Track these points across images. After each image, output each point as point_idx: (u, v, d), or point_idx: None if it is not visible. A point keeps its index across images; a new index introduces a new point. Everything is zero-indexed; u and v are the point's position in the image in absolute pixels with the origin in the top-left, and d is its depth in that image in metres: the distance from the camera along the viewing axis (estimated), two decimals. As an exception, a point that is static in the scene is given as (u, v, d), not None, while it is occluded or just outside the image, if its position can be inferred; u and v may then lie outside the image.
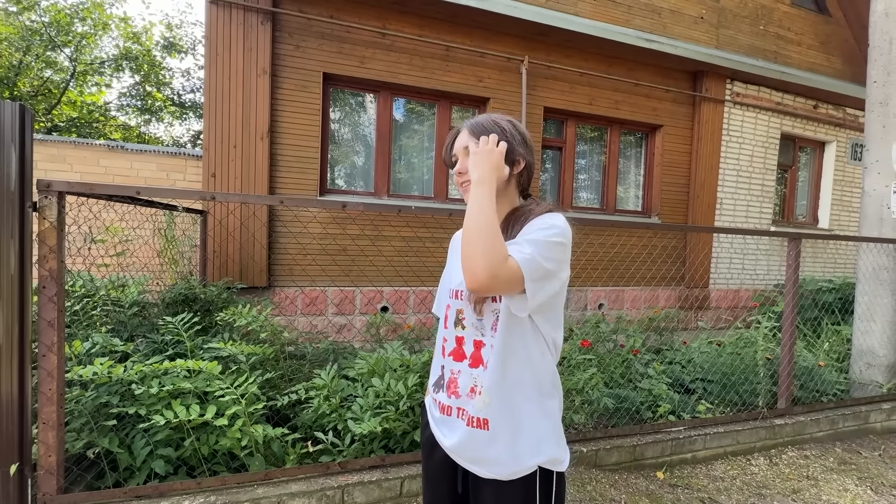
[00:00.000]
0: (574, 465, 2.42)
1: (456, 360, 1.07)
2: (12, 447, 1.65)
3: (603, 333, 3.57)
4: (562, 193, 5.44)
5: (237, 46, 4.10)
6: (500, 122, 1.08)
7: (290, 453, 2.20)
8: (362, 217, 4.34)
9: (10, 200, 1.61)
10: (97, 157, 4.11)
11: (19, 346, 1.65)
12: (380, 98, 4.74)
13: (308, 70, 4.35)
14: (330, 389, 2.40)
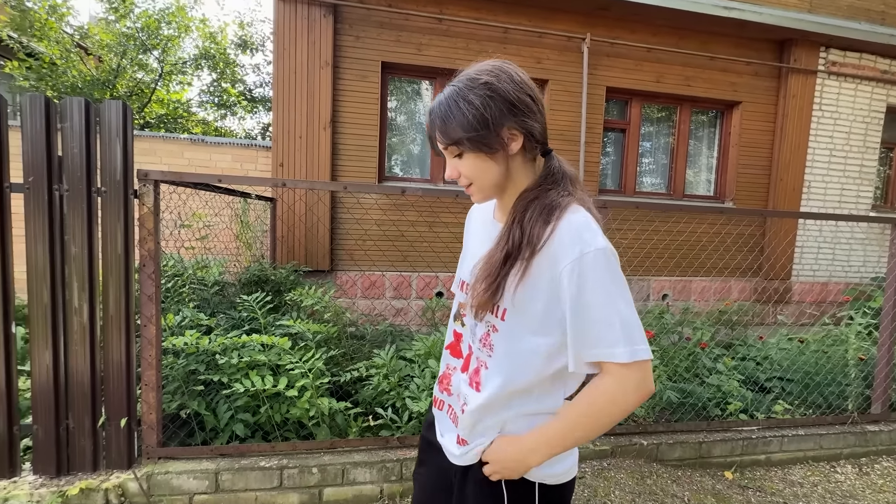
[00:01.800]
0: (633, 457, 2.35)
1: (453, 355, 0.98)
2: (122, 404, 1.90)
3: (667, 325, 3.39)
4: (624, 178, 5.19)
5: (302, 40, 4.29)
6: (467, 97, 0.79)
7: (352, 426, 2.34)
8: (420, 203, 4.42)
9: (116, 188, 1.83)
10: (182, 150, 4.51)
11: (125, 318, 1.88)
12: (436, 85, 4.75)
13: (367, 60, 4.46)
14: (388, 369, 2.51)
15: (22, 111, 1.73)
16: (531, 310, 0.81)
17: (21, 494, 1.78)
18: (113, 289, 1.86)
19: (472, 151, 0.82)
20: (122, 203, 1.83)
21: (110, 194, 1.83)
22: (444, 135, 0.82)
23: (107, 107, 1.80)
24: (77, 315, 1.83)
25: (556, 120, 4.75)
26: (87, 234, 1.81)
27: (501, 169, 0.84)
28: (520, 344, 0.83)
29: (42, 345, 1.80)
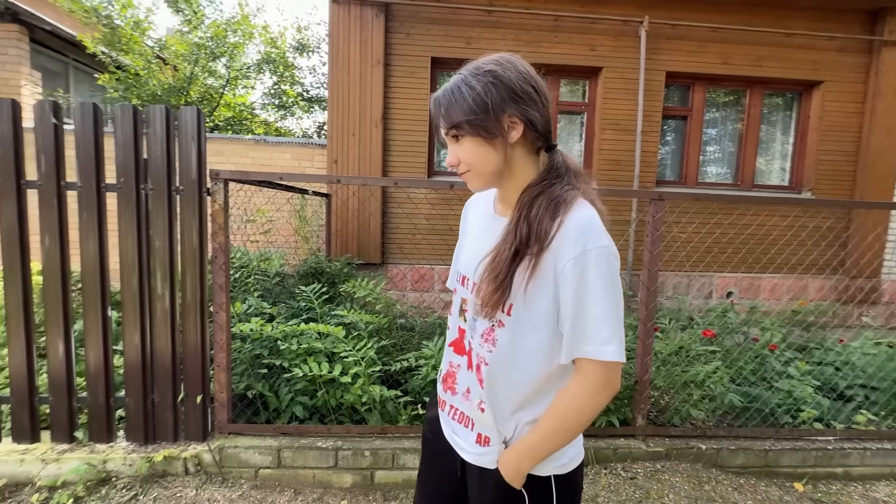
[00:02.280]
0: (690, 461, 2.24)
1: (457, 352, 0.95)
2: (197, 383, 2.10)
3: (731, 324, 3.18)
4: (685, 168, 4.89)
5: (355, 40, 4.42)
6: (469, 82, 0.80)
7: (401, 413, 2.42)
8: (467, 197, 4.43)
9: (191, 187, 2.01)
10: (246, 150, 4.83)
11: (200, 304, 2.07)
12: (485, 78, 4.73)
13: (417, 56, 4.52)
14: (437, 360, 2.56)
15: (114, 119, 1.94)
16: (539, 306, 0.81)
17: (117, 458, 2.03)
18: (190, 278, 2.05)
19: (471, 135, 0.82)
20: (197, 200, 2.01)
21: (187, 192, 2.01)
22: (446, 119, 0.82)
23: (183, 112, 1.98)
24: (160, 301, 2.04)
25: (610, 109, 4.57)
26: (167, 228, 2.01)
27: (500, 156, 0.83)
28: (525, 338, 0.84)
29: (132, 327, 2.03)
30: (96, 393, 2.05)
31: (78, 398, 2.08)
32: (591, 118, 4.75)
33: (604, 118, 4.58)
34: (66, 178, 1.97)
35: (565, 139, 4.93)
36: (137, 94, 5.00)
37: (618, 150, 4.60)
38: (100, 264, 2.01)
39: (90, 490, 1.94)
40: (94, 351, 2.03)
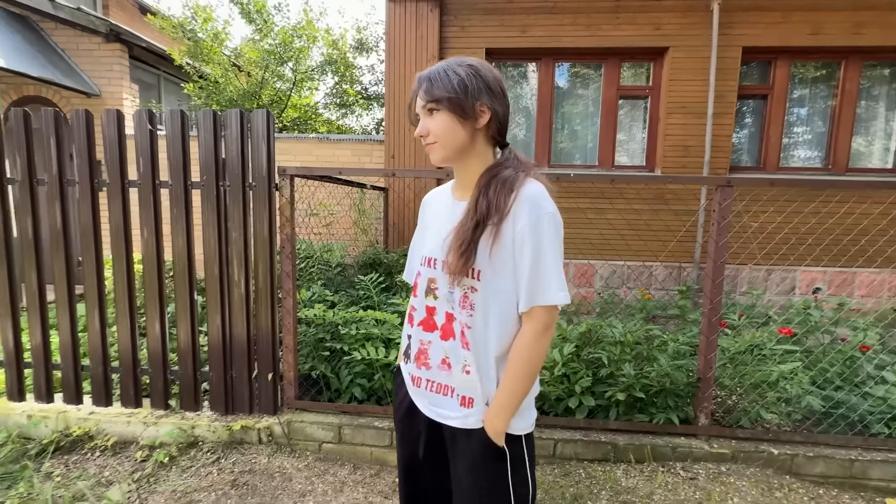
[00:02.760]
0: (759, 465, 2.10)
1: (426, 330, 1.03)
2: (269, 362, 2.31)
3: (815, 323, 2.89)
4: (764, 152, 4.48)
5: (410, 36, 4.52)
6: (454, 69, 0.94)
7: (454, 400, 2.48)
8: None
9: (262, 183, 2.20)
10: (310, 148, 5.13)
11: (270, 291, 2.26)
12: (541, 66, 4.63)
13: (471, 48, 4.53)
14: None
15: (197, 124, 2.17)
16: (504, 267, 0.94)
17: (202, 425, 2.29)
18: (261, 266, 2.25)
19: (448, 111, 0.93)
20: (267, 195, 2.20)
21: (258, 188, 2.20)
22: (428, 93, 0.94)
23: (255, 115, 2.16)
24: (237, 287, 2.26)
25: (677, 91, 4.29)
26: (242, 221, 2.22)
27: (466, 135, 0.96)
28: (497, 297, 0.95)
29: (214, 310, 2.27)
30: (186, 367, 2.33)
31: (171, 371, 2.37)
32: (656, 102, 4.48)
33: (670, 101, 4.31)
34: (160, 178, 2.24)
35: (627, 126, 4.70)
36: (217, 100, 5.48)
37: (686, 135, 4.32)
38: (187, 254, 2.26)
39: (181, 451, 2.22)
40: (184, 330, 2.30)
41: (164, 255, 2.31)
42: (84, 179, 2.23)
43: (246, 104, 5.69)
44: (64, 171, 2.26)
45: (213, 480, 2.05)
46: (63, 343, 2.35)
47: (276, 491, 2.00)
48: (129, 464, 2.15)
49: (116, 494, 1.92)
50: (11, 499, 1.88)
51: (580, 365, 2.37)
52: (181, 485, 2.01)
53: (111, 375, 2.38)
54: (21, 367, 2.40)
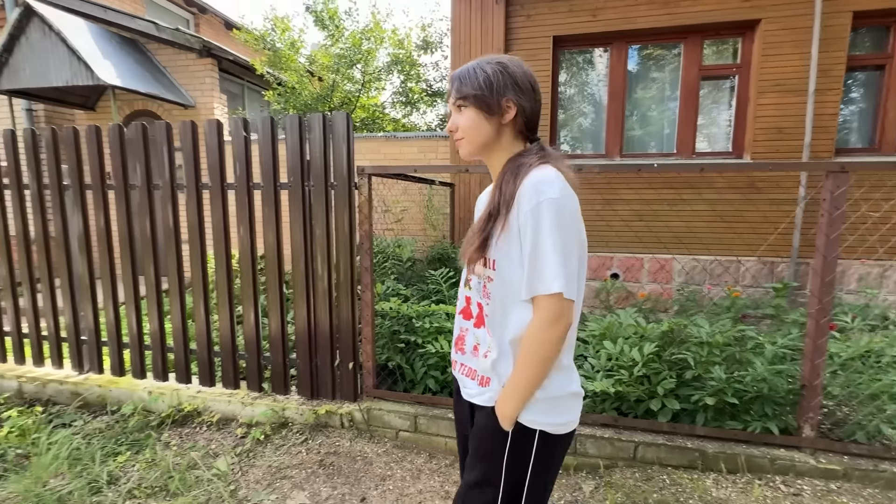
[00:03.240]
0: (880, 486, 1.87)
1: (465, 318, 1.11)
2: (349, 351, 2.44)
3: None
4: (881, 132, 3.94)
5: (476, 30, 4.50)
6: (482, 66, 0.98)
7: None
8: (586, 180, 4.22)
9: (342, 182, 2.32)
10: (378, 147, 5.31)
11: (351, 284, 2.39)
12: (612, 50, 4.40)
13: (538, 38, 4.42)
14: (562, 346, 2.54)
15: (285, 128, 2.33)
16: (512, 255, 0.95)
17: (291, 407, 2.48)
18: (342, 261, 2.38)
19: (474, 108, 0.98)
20: (347, 194, 2.32)
21: (339, 187, 2.33)
22: (458, 91, 1.00)
23: (335, 118, 2.28)
24: (321, 281, 2.41)
25: (771, 67, 3.89)
26: (325, 219, 2.36)
27: (492, 131, 0.99)
28: (509, 287, 0.96)
29: (301, 302, 2.44)
30: (276, 354, 2.53)
31: (263, 357, 2.59)
32: (745, 81, 4.09)
33: (763, 79, 3.91)
34: (253, 180, 2.44)
35: (708, 109, 4.34)
36: (293, 105, 5.85)
37: (781, 116, 3.90)
38: (277, 250, 2.45)
39: (274, 430, 2.42)
40: (275, 320, 2.50)
41: (257, 251, 2.52)
42: (191, 183, 2.49)
43: (319, 107, 6.01)
44: (174, 177, 2.53)
45: (303, 459, 2.22)
46: (175, 329, 2.65)
47: (359, 473, 2.12)
48: (230, 439, 2.39)
49: (223, 465, 2.14)
50: (140, 462, 2.17)
51: (662, 366, 2.25)
52: (276, 461, 2.20)
53: (214, 359, 2.65)
54: (142, 350, 2.74)
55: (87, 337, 2.82)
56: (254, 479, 2.08)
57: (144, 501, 1.93)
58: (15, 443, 2.29)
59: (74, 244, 2.74)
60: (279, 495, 1.98)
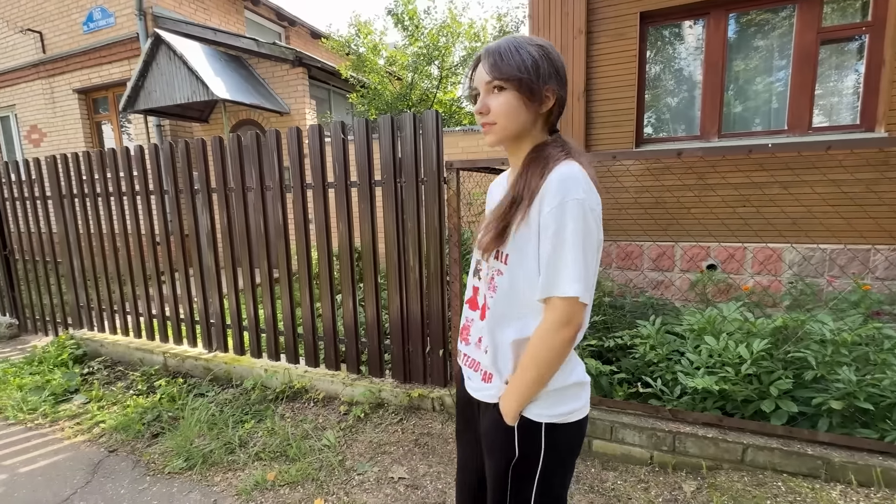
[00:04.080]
0: None
1: (471, 308, 1.08)
2: (439, 339, 2.56)
3: None
4: None
5: (556, 15, 4.38)
6: (525, 48, 0.90)
7: (616, 390, 2.41)
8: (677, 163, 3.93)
9: (432, 177, 2.42)
10: (456, 141, 5.40)
11: (440, 275, 2.50)
12: (710, 21, 4.03)
13: (623, 16, 4.19)
14: (655, 340, 2.44)
15: (378, 128, 2.49)
16: (528, 252, 0.91)
17: (386, 389, 2.66)
18: (432, 254, 2.49)
19: (516, 91, 0.90)
20: (437, 188, 2.42)
21: (429, 182, 2.44)
22: (496, 69, 0.90)
23: (426, 116, 2.38)
24: (412, 272, 2.55)
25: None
26: (416, 213, 2.48)
27: (529, 119, 0.93)
28: (518, 283, 0.94)
29: (394, 292, 2.60)
30: (372, 339, 2.73)
31: (361, 342, 2.80)
32: (878, 43, 3.53)
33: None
34: (350, 178, 2.64)
35: (826, 77, 3.81)
36: (375, 106, 6.16)
37: (927, 79, 3.31)
38: (372, 243, 2.63)
39: (372, 409, 2.62)
40: (371, 308, 2.70)
41: (354, 243, 2.73)
42: (297, 184, 2.76)
43: (399, 106, 6.25)
44: (283, 178, 2.82)
45: (399, 437, 2.38)
46: (285, 315, 2.96)
47: (451, 454, 2.23)
48: (334, 415, 2.63)
49: (331, 437, 2.38)
50: (262, 430, 2.48)
51: (775, 365, 2.07)
52: (375, 437, 2.39)
53: (318, 343, 2.93)
54: (258, 332, 3.11)
55: (214, 320, 3.26)
56: (357, 451, 2.29)
57: (268, 463, 2.22)
58: (167, 407, 2.74)
59: (203, 240, 3.18)
60: (381, 468, 2.15)
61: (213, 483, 2.11)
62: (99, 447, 2.45)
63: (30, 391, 3.03)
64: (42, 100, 7.91)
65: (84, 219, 3.65)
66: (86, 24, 7.17)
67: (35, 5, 7.58)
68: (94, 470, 2.25)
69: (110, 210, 3.51)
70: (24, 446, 2.48)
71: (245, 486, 2.04)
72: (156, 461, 2.28)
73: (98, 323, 3.79)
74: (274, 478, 2.09)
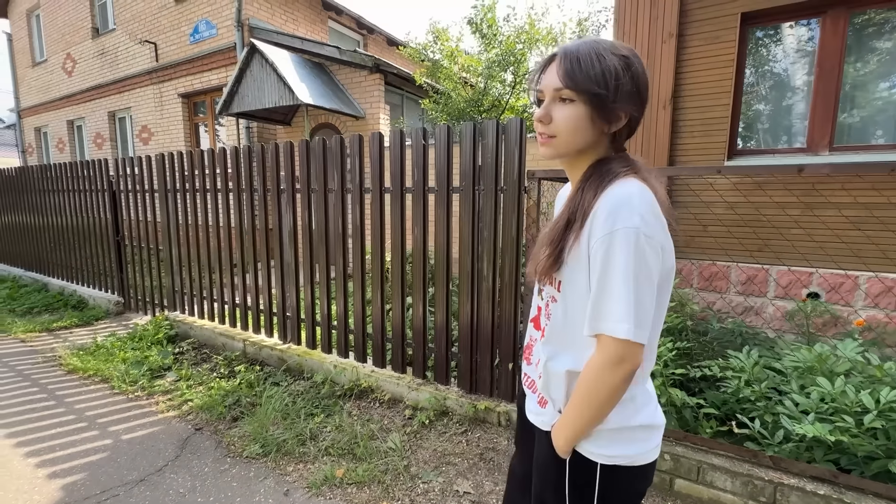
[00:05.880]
0: None
1: (535, 327, 1.04)
2: (509, 351, 2.49)
3: None
4: None
5: (643, 18, 4.16)
6: (608, 57, 0.79)
7: (703, 425, 2.20)
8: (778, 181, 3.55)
9: (512, 186, 2.37)
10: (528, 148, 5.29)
11: (514, 286, 2.43)
12: (826, 21, 3.62)
13: (721, 17, 3.88)
14: (751, 375, 2.20)
15: (461, 134, 2.48)
16: (578, 278, 0.85)
17: (452, 398, 2.64)
18: (507, 263, 2.43)
19: (586, 105, 0.81)
20: (517, 197, 2.36)
21: (508, 191, 2.38)
22: (570, 77, 0.80)
23: (510, 123, 2.34)
24: (485, 281, 2.51)
25: None
26: (493, 222, 2.44)
27: (593, 138, 0.85)
28: (572, 313, 0.88)
29: (465, 300, 2.57)
30: (440, 346, 2.72)
31: (428, 347, 2.80)
32: None
33: None
34: (428, 184, 2.66)
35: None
36: (448, 112, 6.21)
37: None
38: (446, 249, 2.63)
39: (437, 417, 2.60)
40: (440, 313, 2.69)
41: (428, 248, 2.74)
42: (375, 187, 2.83)
43: (470, 112, 6.26)
44: (363, 181, 2.90)
45: (464, 449, 2.34)
46: (356, 313, 3.04)
47: (518, 474, 2.15)
48: (399, 418, 2.65)
49: (396, 440, 2.39)
50: (330, 425, 2.55)
51: (909, 418, 1.77)
52: (440, 446, 2.37)
53: (386, 344, 2.97)
54: (330, 328, 3.22)
55: (290, 313, 3.43)
56: (422, 458, 2.28)
57: (337, 460, 2.27)
58: (245, 392, 2.91)
59: (286, 236, 3.36)
60: (446, 479, 2.12)
61: (285, 472, 2.19)
62: (186, 424, 2.65)
63: (131, 365, 3.36)
64: (152, 103, 8.87)
65: (184, 211, 4.01)
66: (192, 35, 7.95)
67: (152, 19, 8.54)
68: (183, 445, 2.43)
69: (206, 204, 3.83)
70: (126, 415, 2.75)
71: (315, 480, 2.10)
72: (235, 444, 2.42)
73: (189, 307, 4.14)
74: (342, 475, 2.13)
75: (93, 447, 2.41)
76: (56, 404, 2.88)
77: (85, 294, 5.27)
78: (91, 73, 10.06)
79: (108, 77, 9.62)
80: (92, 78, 10.04)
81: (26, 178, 6.11)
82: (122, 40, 9.20)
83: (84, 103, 10.41)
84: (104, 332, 4.24)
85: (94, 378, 3.26)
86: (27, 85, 12.19)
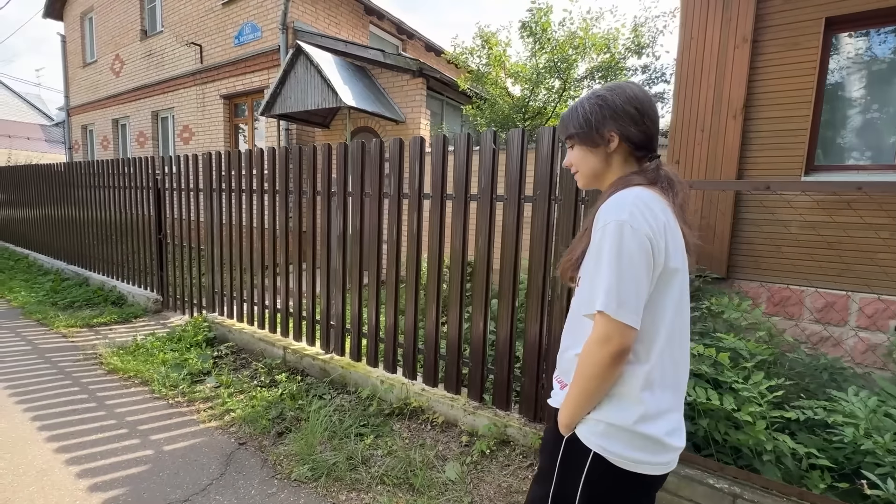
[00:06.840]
0: None
1: None
2: (582, 379, 2.24)
3: None
4: None
5: (713, 22, 3.89)
6: (583, 104, 1.05)
7: (812, 478, 1.92)
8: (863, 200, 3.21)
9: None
10: (577, 157, 5.06)
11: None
12: (929, 26, 3.28)
13: (802, 22, 3.58)
14: (870, 423, 1.90)
15: (537, 140, 2.28)
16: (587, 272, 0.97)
17: (513, 426, 2.41)
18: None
19: (579, 144, 1.07)
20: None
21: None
22: (562, 131, 1.11)
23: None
24: (557, 301, 2.28)
25: None
26: (570, 235, 2.22)
27: (599, 161, 1.06)
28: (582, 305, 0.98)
29: (533, 319, 2.35)
30: (501, 367, 2.50)
31: (487, 367, 2.59)
32: None
33: None
34: (497, 192, 2.46)
35: None
36: (491, 117, 6.04)
37: None
38: (514, 262, 2.42)
39: (497, 446, 2.38)
40: (503, 331, 2.47)
41: (493, 260, 2.53)
42: (436, 193, 2.64)
43: (515, 118, 6.06)
44: (423, 187, 2.73)
45: (532, 486, 2.10)
46: (407, 326, 2.85)
47: (598, 521, 1.90)
48: (455, 445, 2.43)
49: (453, 472, 2.17)
50: (382, 449, 2.36)
51: None
52: (504, 482, 2.14)
53: (440, 361, 2.77)
54: (378, 340, 3.04)
55: (334, 322, 3.27)
56: (486, 495, 2.05)
57: (392, 490, 2.07)
58: (289, 405, 2.75)
59: (334, 242, 3.21)
60: (516, 522, 1.89)
61: (338, 501, 2.01)
62: (229, 437, 2.50)
63: (171, 367, 3.26)
64: (195, 103, 9.01)
65: (228, 211, 3.93)
66: (237, 37, 8.04)
67: (199, 21, 8.70)
68: (227, 462, 2.28)
69: (251, 205, 3.73)
70: (167, 423, 2.62)
71: (371, 513, 1.90)
72: (282, 463, 2.25)
73: (227, 309, 4.05)
74: (401, 509, 1.93)
75: (134, 458, 2.29)
76: (97, 406, 2.79)
77: (124, 290, 5.27)
78: (137, 73, 10.34)
79: (154, 77, 9.85)
80: (138, 78, 10.31)
81: (73, 174, 6.22)
82: (169, 42, 9.41)
83: (129, 103, 10.70)
84: (143, 331, 4.18)
85: (134, 380, 3.16)
86: (77, 84, 12.65)
